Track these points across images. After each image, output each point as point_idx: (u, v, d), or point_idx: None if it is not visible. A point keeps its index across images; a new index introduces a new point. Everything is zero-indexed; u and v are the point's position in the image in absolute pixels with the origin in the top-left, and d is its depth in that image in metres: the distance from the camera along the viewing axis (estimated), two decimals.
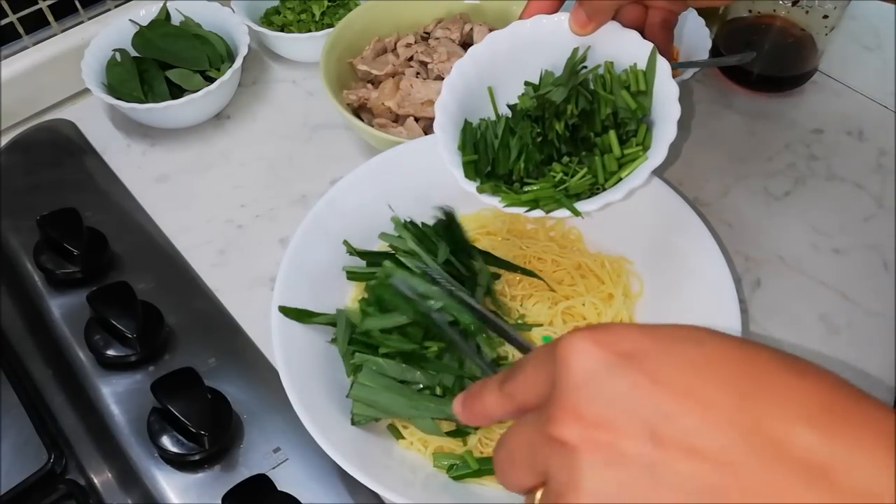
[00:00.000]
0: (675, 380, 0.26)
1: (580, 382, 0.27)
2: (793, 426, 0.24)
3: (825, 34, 0.71)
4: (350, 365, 0.52)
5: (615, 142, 0.50)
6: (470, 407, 0.33)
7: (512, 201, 0.50)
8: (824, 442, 0.24)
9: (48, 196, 0.68)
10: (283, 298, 0.53)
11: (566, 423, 0.26)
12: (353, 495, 0.51)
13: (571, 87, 0.51)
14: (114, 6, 0.80)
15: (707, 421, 0.25)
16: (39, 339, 0.60)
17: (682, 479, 0.24)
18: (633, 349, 0.27)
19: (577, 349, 0.27)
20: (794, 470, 0.24)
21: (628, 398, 0.26)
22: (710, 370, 0.26)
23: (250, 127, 0.75)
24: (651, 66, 0.51)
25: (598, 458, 0.26)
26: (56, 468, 0.52)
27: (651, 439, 0.25)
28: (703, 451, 0.24)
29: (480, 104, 0.55)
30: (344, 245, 0.57)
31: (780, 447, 0.24)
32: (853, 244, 0.65)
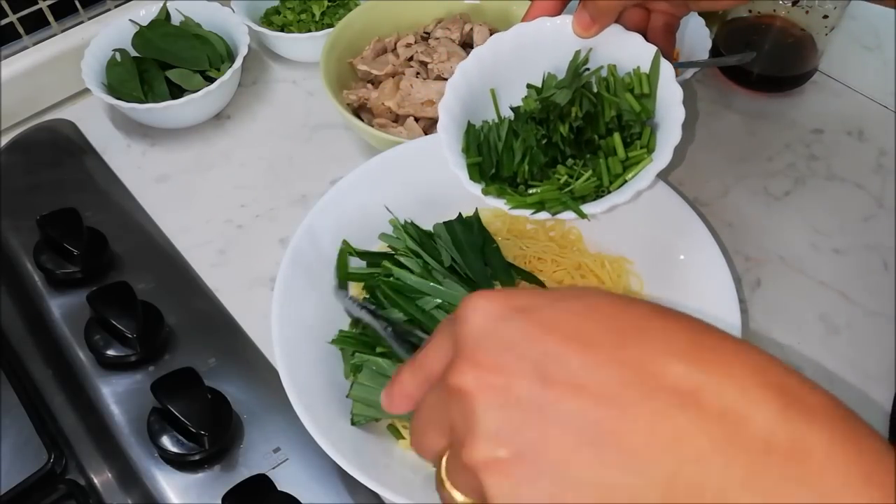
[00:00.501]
0: (562, 326, 0.28)
1: (476, 333, 0.29)
2: (665, 359, 0.26)
3: (825, 34, 0.71)
4: (350, 365, 0.52)
5: (620, 144, 0.50)
6: (389, 391, 0.34)
7: (517, 203, 0.50)
8: (693, 371, 0.26)
9: (48, 196, 0.68)
10: (283, 298, 0.53)
11: (463, 372, 0.28)
12: (353, 495, 0.51)
13: (575, 90, 0.51)
14: (114, 6, 0.80)
15: (590, 360, 0.27)
16: (39, 339, 0.60)
17: (571, 415, 0.26)
18: (525, 304, 0.29)
19: (473, 306, 0.29)
20: (668, 396, 0.26)
21: (520, 344, 0.28)
22: (592, 317, 0.28)
23: (250, 127, 0.75)
24: (655, 68, 0.50)
25: (491, 400, 0.27)
26: (56, 468, 0.52)
27: (540, 380, 0.27)
28: (588, 388, 0.26)
29: (483, 106, 0.55)
30: (343, 245, 0.57)
31: (655, 378, 0.26)
32: (853, 244, 0.65)
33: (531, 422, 0.26)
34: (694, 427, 0.25)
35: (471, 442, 0.27)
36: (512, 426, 0.27)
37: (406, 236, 0.56)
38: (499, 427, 0.27)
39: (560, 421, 0.26)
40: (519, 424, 0.27)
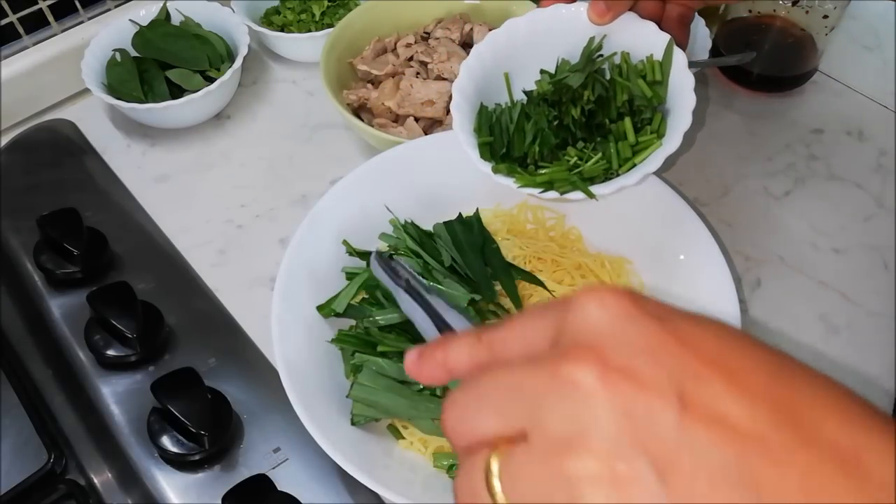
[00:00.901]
0: (704, 345, 0.24)
1: (602, 328, 0.24)
2: (822, 410, 0.23)
3: (825, 34, 0.71)
4: (350, 365, 0.52)
5: (630, 128, 0.50)
6: (428, 354, 0.29)
7: (526, 182, 0.50)
8: (855, 432, 0.23)
9: (48, 196, 0.68)
10: (283, 298, 0.53)
11: (584, 363, 0.23)
12: (353, 495, 0.51)
13: (588, 74, 0.51)
14: (114, 6, 0.80)
15: (737, 391, 0.23)
16: (39, 339, 0.60)
17: (708, 449, 0.22)
18: (657, 311, 0.25)
19: (598, 296, 0.25)
20: (826, 455, 0.22)
21: (655, 352, 0.23)
22: (739, 346, 0.24)
23: (250, 127, 0.75)
24: (668, 56, 0.51)
25: (618, 408, 0.22)
26: (56, 468, 0.52)
27: (678, 398, 0.22)
28: (733, 422, 0.22)
29: (496, 90, 0.56)
30: (343, 245, 0.57)
31: (811, 429, 0.22)
32: (853, 244, 0.65)
33: (662, 442, 0.22)
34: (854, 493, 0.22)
35: (581, 446, 0.23)
36: (638, 442, 0.22)
37: (406, 236, 0.57)
38: (622, 439, 0.22)
39: (696, 450, 0.22)
40: (647, 442, 0.22)
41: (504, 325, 0.27)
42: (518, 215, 0.62)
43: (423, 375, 0.29)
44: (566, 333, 0.25)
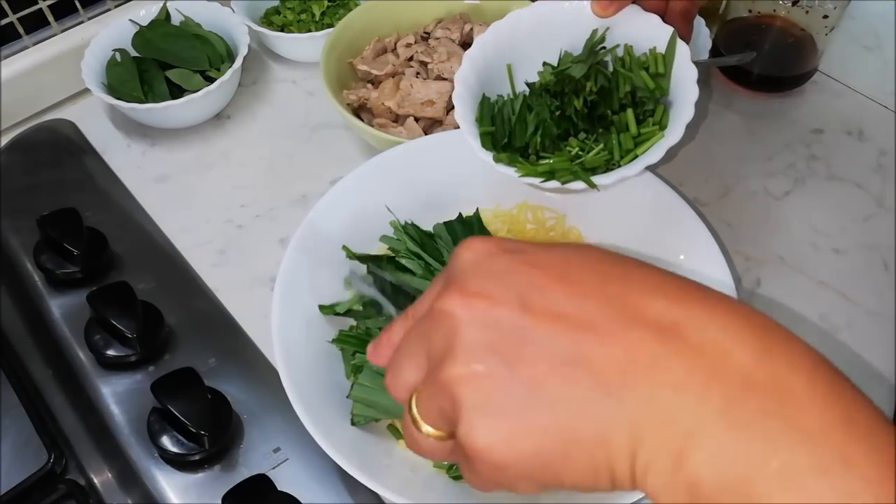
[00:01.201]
0: (548, 265, 0.29)
1: (466, 266, 0.31)
2: (648, 297, 0.27)
3: (825, 34, 0.71)
4: (350, 365, 0.52)
5: (632, 120, 0.50)
6: (378, 341, 0.36)
7: (527, 171, 0.50)
8: (675, 308, 0.27)
9: (48, 196, 0.68)
10: (283, 298, 0.53)
11: (450, 296, 0.29)
12: (353, 495, 0.51)
13: (591, 66, 0.51)
14: (114, 6, 0.80)
15: (572, 293, 0.28)
16: (39, 339, 0.60)
17: (548, 338, 0.27)
18: (516, 247, 0.31)
19: (467, 245, 0.31)
20: (647, 327, 0.26)
21: (506, 276, 0.29)
22: (578, 261, 0.30)
23: (250, 127, 0.75)
24: (671, 48, 0.51)
25: (474, 321, 0.28)
26: (56, 468, 0.52)
27: (522, 307, 0.28)
28: (568, 316, 0.27)
29: (499, 81, 0.56)
30: (343, 250, 0.57)
31: (636, 311, 0.27)
32: (853, 244, 0.65)
33: (509, 341, 0.28)
34: (672, 357, 0.26)
35: (450, 358, 0.28)
36: (490, 344, 0.28)
37: (406, 238, 0.57)
38: (477, 344, 0.28)
39: (537, 342, 0.27)
40: (497, 344, 0.28)
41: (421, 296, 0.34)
42: (518, 215, 0.62)
43: (380, 357, 0.35)
44: (447, 279, 0.31)
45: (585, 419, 0.26)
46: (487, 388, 0.28)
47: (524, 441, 0.27)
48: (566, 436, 0.27)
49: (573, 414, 0.26)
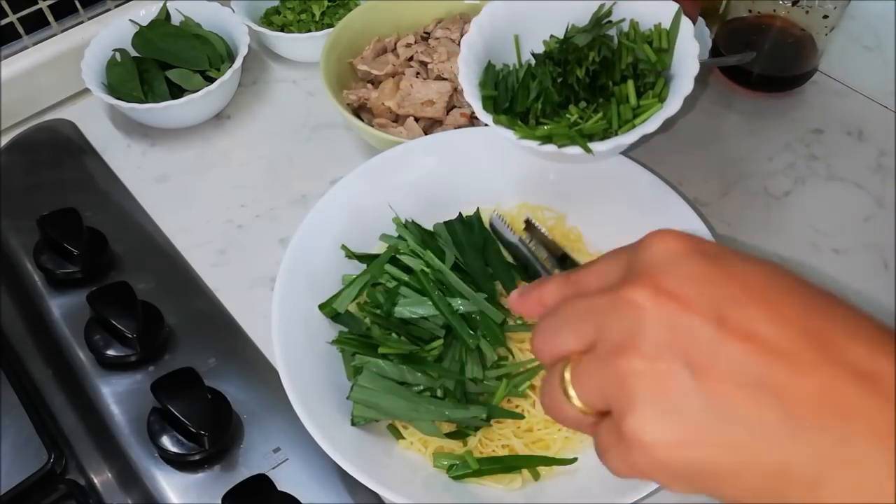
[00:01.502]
0: (749, 280, 0.28)
1: (661, 260, 0.29)
2: (851, 339, 0.26)
3: (825, 34, 0.71)
4: (351, 367, 0.52)
5: (632, 91, 0.51)
6: (529, 293, 0.34)
7: (525, 134, 0.51)
8: (878, 355, 0.25)
9: (48, 196, 0.68)
10: (283, 298, 0.53)
11: (641, 287, 0.28)
12: (353, 495, 0.51)
13: (595, 36, 0.52)
14: (114, 6, 0.80)
15: (772, 317, 0.26)
16: (39, 339, 0.60)
17: (737, 359, 0.26)
18: (713, 251, 0.29)
19: (661, 237, 0.29)
20: (847, 371, 0.25)
21: (703, 282, 0.27)
22: (781, 282, 0.28)
23: (250, 127, 0.75)
24: (675, 25, 0.52)
25: (663, 321, 0.27)
26: (56, 468, 0.52)
27: (717, 319, 0.26)
28: (763, 340, 0.26)
29: (504, 51, 0.56)
30: (342, 249, 0.57)
31: (837, 351, 0.25)
32: (853, 244, 0.65)
33: (697, 349, 0.26)
34: (870, 406, 0.25)
35: (632, 350, 0.27)
36: (677, 347, 0.26)
37: (409, 236, 0.57)
38: (664, 343, 0.27)
39: (727, 357, 0.26)
40: (684, 348, 0.26)
41: (587, 267, 0.32)
42: (518, 215, 0.62)
43: (525, 309, 0.34)
44: (632, 266, 0.29)
45: (769, 447, 0.25)
46: (668, 388, 0.26)
47: (697, 450, 0.26)
48: (743, 457, 0.26)
49: (756, 438, 0.25)
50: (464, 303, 0.53)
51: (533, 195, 0.62)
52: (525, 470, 0.50)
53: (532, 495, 0.49)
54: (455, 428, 0.51)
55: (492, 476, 0.49)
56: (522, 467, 0.50)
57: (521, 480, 0.49)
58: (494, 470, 0.49)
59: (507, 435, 0.51)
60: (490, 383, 0.52)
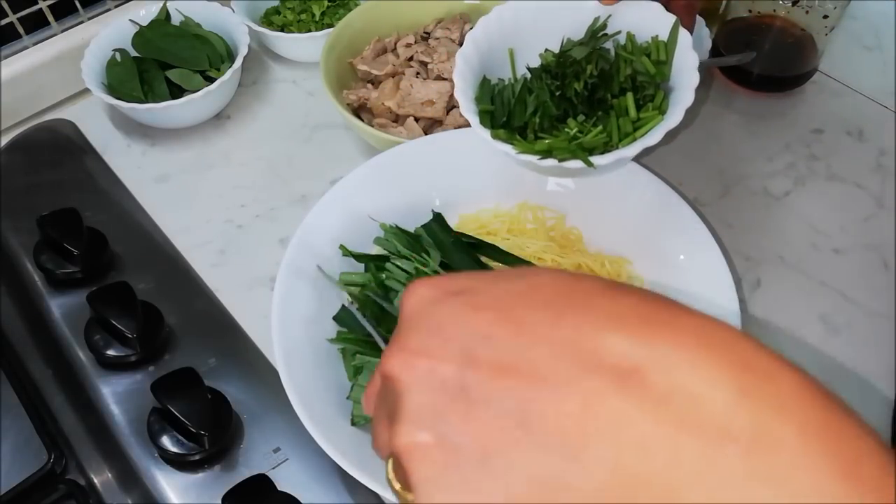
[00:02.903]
0: (494, 306, 0.26)
1: (409, 319, 0.28)
2: (605, 335, 0.24)
3: (825, 34, 0.71)
4: (351, 367, 0.52)
5: (632, 104, 0.50)
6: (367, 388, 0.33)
7: (525, 149, 0.50)
8: (636, 345, 0.23)
9: (48, 196, 0.68)
10: (283, 299, 0.53)
11: (392, 357, 0.27)
12: (353, 495, 0.51)
13: (592, 49, 0.52)
14: (114, 6, 0.80)
15: (520, 339, 0.25)
16: (39, 339, 0.60)
17: (495, 397, 0.24)
18: (461, 287, 0.28)
19: (411, 292, 0.29)
20: (606, 375, 0.23)
21: (448, 327, 0.26)
22: (530, 295, 0.26)
23: (250, 127, 0.75)
24: (673, 35, 0.51)
25: (415, 384, 0.26)
26: (56, 468, 0.52)
27: (465, 362, 0.25)
28: (516, 368, 0.24)
29: (500, 66, 0.55)
30: (340, 249, 0.57)
31: (592, 356, 0.24)
32: (853, 244, 0.65)
33: (455, 405, 0.25)
34: (635, 409, 0.22)
35: (396, 426, 0.26)
36: (435, 410, 0.25)
37: (395, 240, 0.57)
38: (421, 410, 0.25)
39: (486, 402, 0.24)
40: (442, 408, 0.25)
41: None
42: (518, 215, 0.62)
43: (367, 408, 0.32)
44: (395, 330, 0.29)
45: (547, 489, 0.23)
46: (435, 459, 0.25)
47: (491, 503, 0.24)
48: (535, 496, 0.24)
49: (533, 484, 0.23)
50: None
51: (533, 195, 0.62)
52: None
53: None
54: None
55: None
56: None
57: None
58: None
59: None
60: None
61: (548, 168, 0.50)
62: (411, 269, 0.54)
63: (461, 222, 0.62)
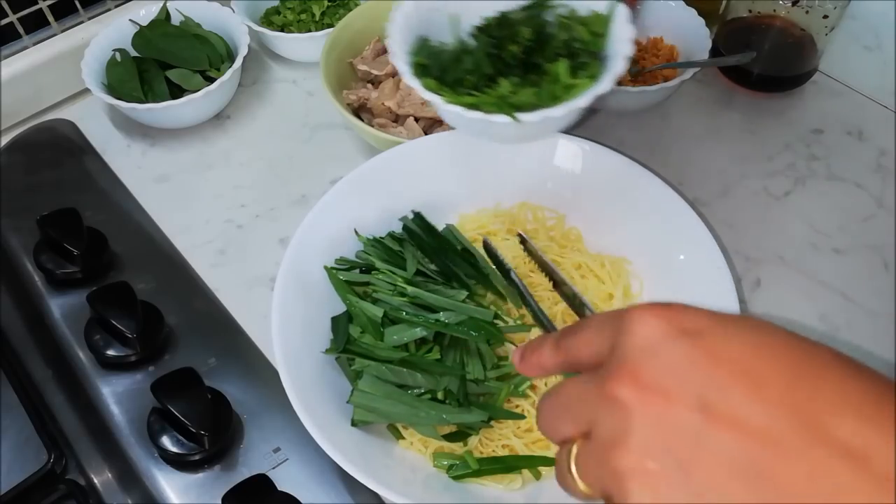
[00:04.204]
0: (732, 357, 0.27)
1: (641, 349, 0.29)
2: (839, 413, 0.26)
3: (825, 34, 0.71)
4: (351, 371, 0.52)
5: (564, 70, 0.51)
6: (528, 357, 0.36)
7: (454, 99, 0.50)
8: (867, 431, 0.25)
9: (48, 196, 0.68)
10: (283, 298, 0.53)
11: (623, 383, 0.28)
12: (353, 495, 0.51)
13: (532, 15, 0.53)
14: (114, 6, 0.80)
15: (757, 398, 0.26)
16: (39, 339, 0.60)
17: (725, 448, 0.26)
18: (695, 327, 0.28)
19: (642, 319, 0.29)
20: (835, 452, 0.25)
21: (685, 369, 0.27)
22: (767, 353, 0.27)
23: (250, 127, 0.75)
24: (611, 10, 0.53)
25: (648, 419, 0.27)
26: (56, 468, 0.52)
27: (701, 409, 0.26)
28: (749, 426, 0.26)
29: (440, 31, 0.55)
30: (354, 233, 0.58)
31: (824, 430, 0.25)
32: (853, 244, 0.65)
33: (685, 444, 0.26)
34: (858, 486, 0.24)
35: (621, 447, 0.27)
36: (665, 444, 0.27)
37: (373, 253, 0.57)
38: (651, 443, 0.27)
39: (714, 449, 0.26)
40: (672, 444, 0.27)
41: (575, 333, 0.33)
42: (518, 215, 0.62)
43: (527, 371, 0.36)
44: (617, 349, 0.29)
45: None
46: (659, 487, 0.27)
47: None
48: None
49: None
50: (447, 315, 0.53)
51: (533, 195, 0.62)
52: (525, 470, 0.50)
53: (532, 495, 0.49)
54: (455, 428, 0.51)
55: (492, 476, 0.49)
56: (523, 467, 0.50)
57: (522, 480, 0.50)
58: (494, 470, 0.49)
59: (508, 435, 0.51)
60: (490, 384, 0.52)
61: (474, 122, 0.49)
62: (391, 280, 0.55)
63: (461, 222, 0.62)
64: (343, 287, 0.55)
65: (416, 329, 0.52)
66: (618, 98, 0.70)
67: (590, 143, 0.60)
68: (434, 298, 0.53)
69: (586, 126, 0.73)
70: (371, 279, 0.55)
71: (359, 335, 0.53)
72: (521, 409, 0.52)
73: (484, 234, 0.61)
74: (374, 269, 0.56)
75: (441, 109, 0.51)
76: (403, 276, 0.55)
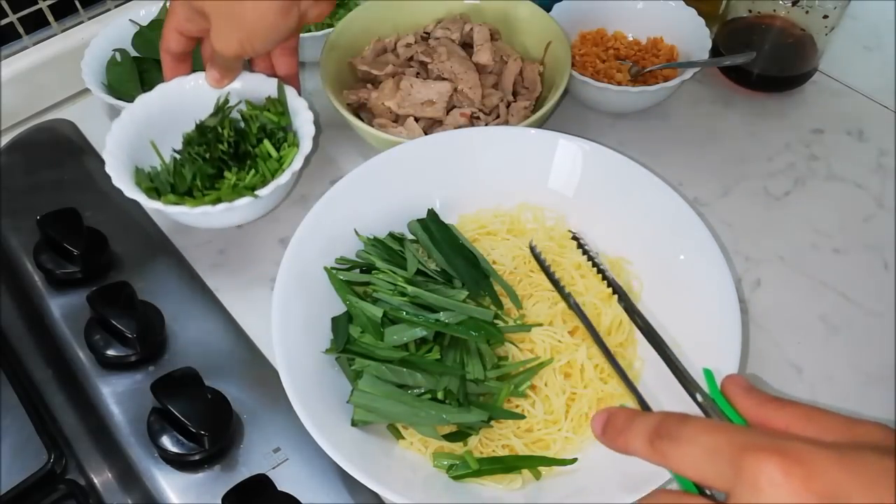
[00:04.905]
0: None
1: None
2: None
3: (825, 34, 0.71)
4: (351, 371, 0.52)
5: (271, 147, 0.62)
6: (613, 437, 0.34)
7: (198, 202, 0.59)
8: None
9: (48, 196, 0.68)
10: (283, 298, 0.53)
11: None
12: (353, 495, 0.51)
13: (223, 117, 0.63)
14: (114, 6, 0.80)
15: None
16: (39, 339, 0.60)
17: None
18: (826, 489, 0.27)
19: (769, 477, 0.27)
20: None
21: None
22: None
23: None
24: (281, 92, 0.65)
25: None
26: (56, 468, 0.52)
27: None
28: None
29: (147, 156, 0.64)
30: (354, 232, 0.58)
31: None
32: (853, 244, 0.65)
33: None
34: None
35: None
36: None
37: (374, 252, 0.57)
38: None
39: None
40: None
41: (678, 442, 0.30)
42: (518, 215, 0.62)
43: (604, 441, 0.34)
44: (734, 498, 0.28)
45: None
46: None
47: None
48: None
49: None
50: (447, 315, 0.53)
51: (533, 195, 0.62)
52: (525, 470, 0.50)
53: (532, 495, 0.49)
54: (455, 428, 0.51)
55: (492, 476, 0.49)
56: (522, 467, 0.50)
57: (522, 480, 0.50)
58: (494, 470, 0.49)
59: (507, 435, 0.51)
60: (490, 384, 0.52)
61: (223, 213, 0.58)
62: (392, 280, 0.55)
63: (461, 222, 0.62)
64: (343, 287, 0.55)
65: (416, 329, 0.52)
66: (618, 98, 0.70)
67: (590, 143, 0.60)
68: (434, 298, 0.53)
69: (586, 126, 0.73)
70: (371, 279, 0.55)
71: (359, 335, 0.53)
72: (521, 409, 0.52)
73: (484, 234, 0.61)
74: (375, 269, 0.56)
75: (190, 216, 0.59)
76: (404, 275, 0.55)
